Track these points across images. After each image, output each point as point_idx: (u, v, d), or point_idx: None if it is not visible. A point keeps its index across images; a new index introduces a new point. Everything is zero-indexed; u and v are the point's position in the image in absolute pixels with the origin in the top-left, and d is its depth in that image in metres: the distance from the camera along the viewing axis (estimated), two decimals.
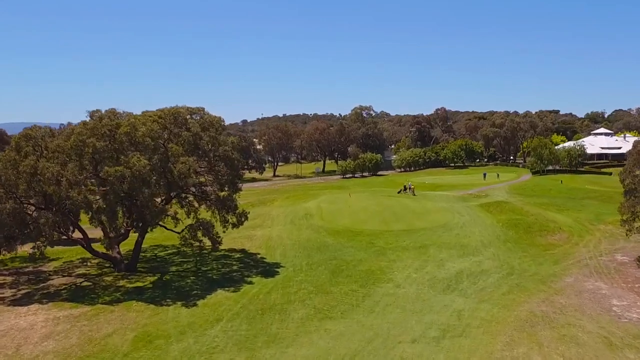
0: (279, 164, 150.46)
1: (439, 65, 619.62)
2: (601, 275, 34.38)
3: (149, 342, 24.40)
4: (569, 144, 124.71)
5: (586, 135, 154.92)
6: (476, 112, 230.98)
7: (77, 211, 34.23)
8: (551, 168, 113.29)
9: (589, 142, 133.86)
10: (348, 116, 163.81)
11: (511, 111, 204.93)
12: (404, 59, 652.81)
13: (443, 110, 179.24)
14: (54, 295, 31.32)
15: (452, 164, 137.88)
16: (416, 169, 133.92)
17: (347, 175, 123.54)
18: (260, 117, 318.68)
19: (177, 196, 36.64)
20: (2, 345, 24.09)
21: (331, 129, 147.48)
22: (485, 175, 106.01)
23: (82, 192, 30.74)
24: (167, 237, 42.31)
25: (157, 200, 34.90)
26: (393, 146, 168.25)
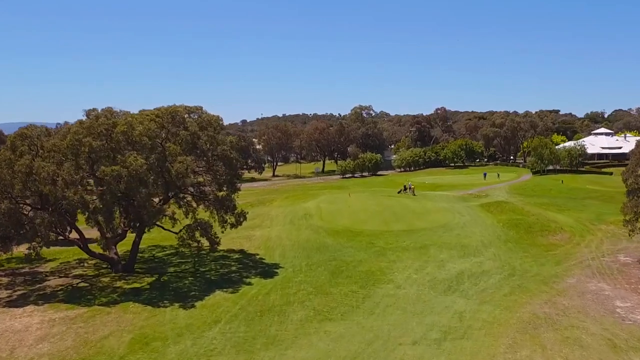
0: (279, 163, 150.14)
1: (439, 65, 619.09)
2: (604, 276, 34.01)
3: (145, 345, 24.03)
4: (570, 144, 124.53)
5: (586, 135, 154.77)
6: (476, 112, 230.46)
7: (74, 211, 33.84)
8: (551, 168, 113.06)
9: (589, 142, 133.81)
10: (348, 116, 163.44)
11: (511, 111, 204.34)
12: (404, 59, 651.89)
13: (443, 110, 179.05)
14: (50, 296, 30.95)
15: (452, 164, 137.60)
16: (416, 169, 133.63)
17: (347, 175, 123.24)
18: (259, 117, 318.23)
19: (175, 196, 36.29)
20: None
21: (331, 128, 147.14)
22: (485, 175, 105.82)
23: (78, 192, 30.39)
24: (165, 238, 41.92)
25: (154, 200, 34.57)
26: (393, 146, 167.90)
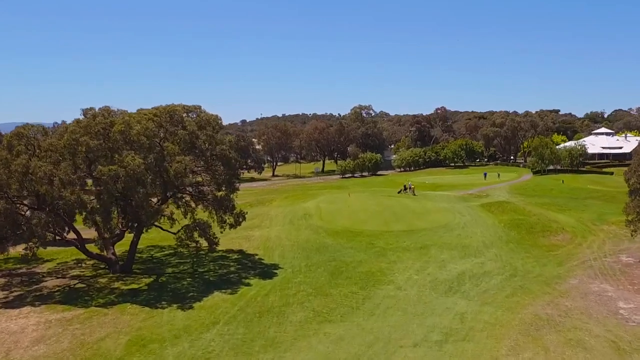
0: (278, 163, 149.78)
1: (439, 65, 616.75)
2: (606, 277, 33.70)
3: (142, 347, 23.71)
4: (570, 144, 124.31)
5: (587, 135, 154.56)
6: (476, 112, 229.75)
7: (71, 211, 33.50)
8: (552, 168, 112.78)
9: (589, 141, 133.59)
10: (347, 116, 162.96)
11: (511, 111, 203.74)
12: (404, 59, 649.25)
13: (443, 110, 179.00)
14: (46, 297, 30.61)
15: (453, 164, 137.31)
16: (416, 169, 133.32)
17: (347, 175, 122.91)
18: (259, 117, 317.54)
19: (173, 196, 35.95)
20: None
21: (330, 128, 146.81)
22: (485, 175, 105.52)
23: (75, 192, 30.05)
24: (163, 238, 41.60)
25: (152, 200, 34.20)
26: (393, 146, 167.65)
